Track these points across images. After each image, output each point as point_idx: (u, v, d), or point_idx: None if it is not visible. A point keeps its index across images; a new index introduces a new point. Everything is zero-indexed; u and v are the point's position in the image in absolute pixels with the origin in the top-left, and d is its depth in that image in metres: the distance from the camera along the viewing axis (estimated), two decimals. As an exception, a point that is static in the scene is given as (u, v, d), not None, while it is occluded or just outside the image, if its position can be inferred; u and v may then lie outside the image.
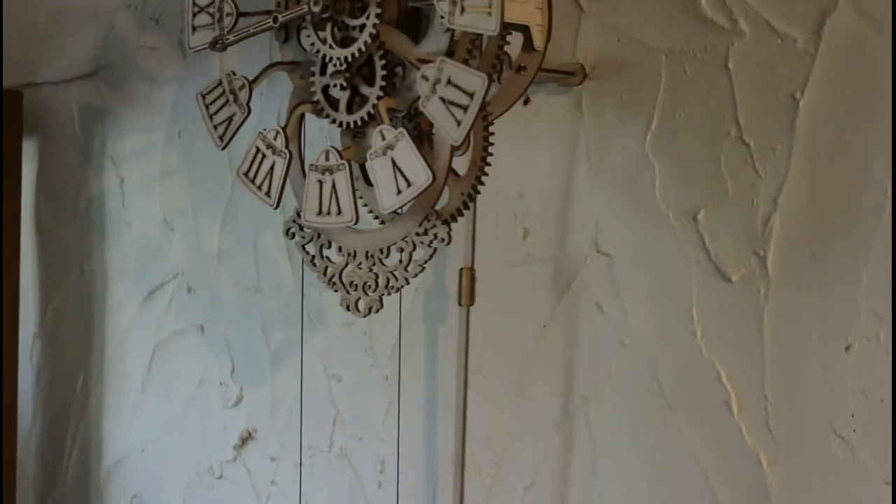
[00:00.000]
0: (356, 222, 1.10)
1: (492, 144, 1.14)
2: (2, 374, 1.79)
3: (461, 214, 1.15)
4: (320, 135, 1.40)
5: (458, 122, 1.02)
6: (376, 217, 1.19)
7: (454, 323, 1.34)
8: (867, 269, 1.07)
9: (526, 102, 1.27)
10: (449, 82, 1.03)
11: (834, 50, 1.09)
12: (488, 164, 1.14)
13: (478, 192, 1.15)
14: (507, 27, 1.09)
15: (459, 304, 1.25)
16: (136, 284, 1.73)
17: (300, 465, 1.48)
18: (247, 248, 1.60)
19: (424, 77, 1.04)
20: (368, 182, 1.19)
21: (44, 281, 1.86)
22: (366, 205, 1.20)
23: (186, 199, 1.67)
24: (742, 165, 1.14)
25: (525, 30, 1.13)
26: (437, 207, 1.12)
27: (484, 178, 1.14)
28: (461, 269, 1.24)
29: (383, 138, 1.07)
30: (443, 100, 1.03)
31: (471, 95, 1.02)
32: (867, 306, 1.07)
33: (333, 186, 1.11)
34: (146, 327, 1.72)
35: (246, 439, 1.61)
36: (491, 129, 1.14)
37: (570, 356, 1.27)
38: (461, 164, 1.13)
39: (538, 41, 1.13)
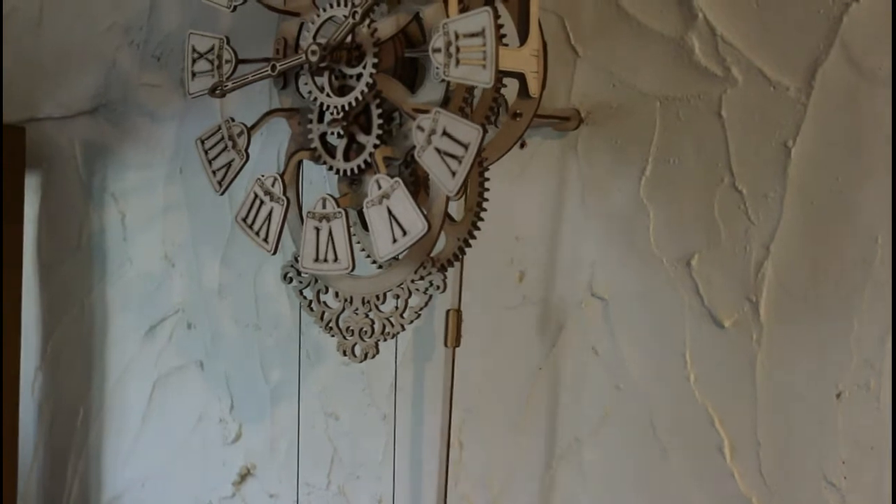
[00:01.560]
0: (352, 270, 1.12)
1: (487, 190, 1.15)
2: (3, 407, 1.80)
3: (458, 259, 1.16)
4: (319, 174, 1.41)
5: (454, 173, 1.03)
6: (374, 262, 1.20)
7: (447, 365, 1.35)
8: (858, 317, 1.08)
9: (522, 146, 1.28)
10: (444, 133, 1.04)
11: (825, 99, 1.10)
12: (484, 210, 1.15)
13: (473, 238, 1.16)
14: (502, 75, 1.10)
15: (445, 344, 1.25)
16: (137, 319, 1.74)
17: (297, 502, 1.49)
18: (247, 285, 1.61)
19: (420, 128, 1.05)
20: (366, 227, 1.20)
21: (45, 315, 1.87)
22: (363, 250, 1.21)
23: (187, 235, 1.68)
24: (735, 212, 1.16)
25: (521, 77, 1.14)
26: (435, 252, 1.13)
27: (479, 223, 1.15)
28: (448, 311, 1.25)
29: (379, 187, 1.08)
30: (438, 150, 1.04)
31: (465, 147, 1.03)
32: (859, 354, 1.08)
33: (330, 234, 1.12)
34: (146, 362, 1.73)
35: (245, 476, 1.62)
36: (486, 174, 1.15)
37: (565, 398, 1.28)
38: (457, 208, 1.14)
39: (533, 88, 1.15)
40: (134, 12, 1.73)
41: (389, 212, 1.07)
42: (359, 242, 1.21)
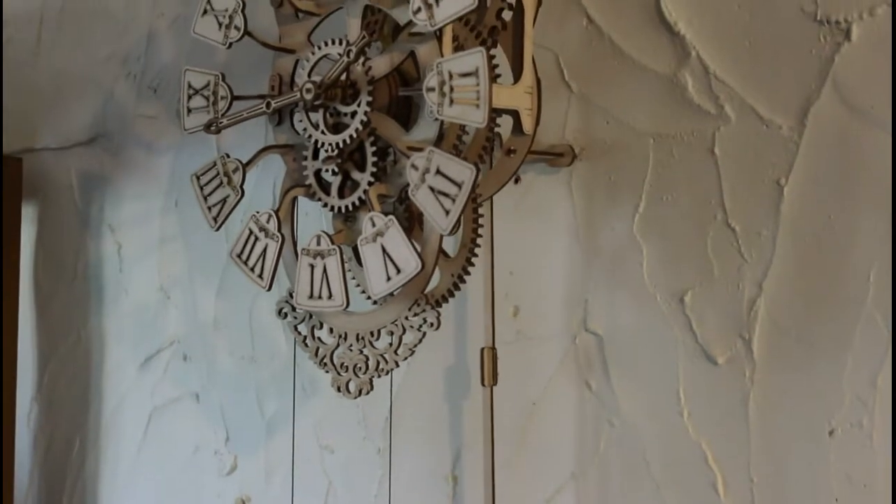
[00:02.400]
0: (347, 307, 1.12)
1: (481, 226, 1.15)
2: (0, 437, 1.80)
3: (452, 295, 1.17)
4: (315, 206, 1.41)
5: (447, 212, 1.04)
6: (368, 297, 1.21)
7: (445, 400, 1.35)
8: (852, 355, 1.09)
9: (516, 181, 1.29)
10: (438, 172, 1.04)
11: (818, 137, 1.11)
12: (478, 245, 1.16)
13: (468, 273, 1.16)
14: (496, 112, 1.11)
15: (482, 384, 1.25)
16: (133, 351, 1.75)
17: (293, 535, 1.49)
18: (242, 318, 1.61)
19: (414, 166, 1.06)
20: (361, 262, 1.21)
21: (42, 345, 1.88)
22: (358, 285, 1.21)
23: (183, 267, 1.68)
24: (728, 249, 1.16)
25: (515, 114, 1.15)
26: (429, 288, 1.13)
27: (474, 259, 1.15)
28: (482, 349, 1.25)
29: (373, 225, 1.09)
30: (432, 189, 1.05)
31: (459, 186, 1.03)
32: (851, 392, 1.08)
33: (325, 271, 1.12)
34: (142, 393, 1.73)
35: (240, 508, 1.62)
36: (481, 209, 1.16)
37: (559, 434, 1.28)
38: (452, 242, 1.15)
39: (527, 125, 1.15)
40: (131, 44, 1.74)
41: (383, 249, 1.08)
42: (353, 278, 1.21)
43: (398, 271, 1.07)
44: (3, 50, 1.92)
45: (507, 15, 1.16)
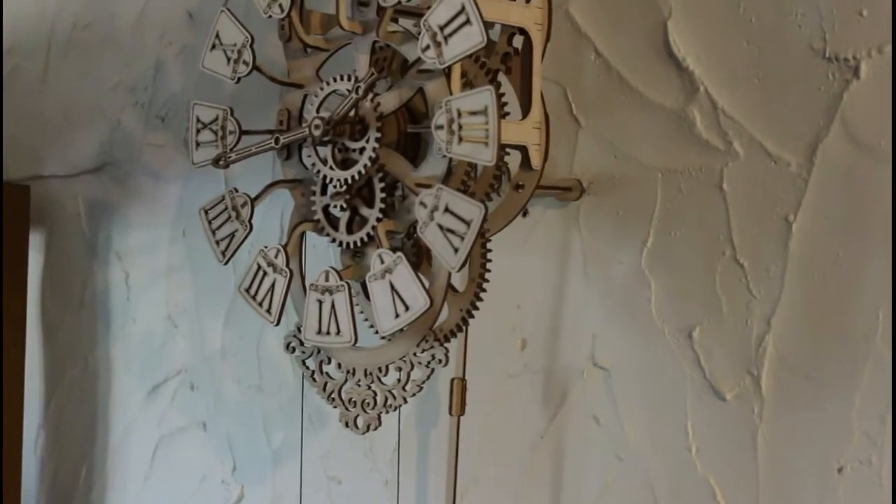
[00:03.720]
0: (355, 343, 1.12)
1: (490, 261, 1.15)
2: (6, 464, 1.80)
3: (460, 330, 1.17)
4: (323, 237, 1.42)
5: (456, 250, 1.04)
6: (376, 331, 1.21)
7: (451, 430, 1.35)
8: (860, 393, 1.09)
9: (524, 214, 1.28)
10: (447, 210, 1.05)
11: (826, 174, 1.11)
12: (486, 280, 1.16)
13: (476, 308, 1.17)
14: (504, 148, 1.11)
15: (450, 413, 1.25)
16: (140, 379, 1.75)
17: (299, 567, 1.49)
18: (249, 347, 1.61)
19: (423, 204, 1.06)
20: (369, 296, 1.21)
21: (48, 372, 1.88)
22: (366, 319, 1.21)
23: (190, 296, 1.68)
24: (736, 285, 1.16)
25: (523, 149, 1.15)
26: (438, 322, 1.13)
27: (482, 294, 1.15)
28: (452, 379, 1.25)
29: (382, 262, 1.09)
30: (440, 227, 1.05)
31: (468, 224, 1.03)
32: (860, 429, 1.08)
33: (333, 307, 1.13)
34: (149, 422, 1.73)
35: (246, 537, 1.62)
36: (489, 244, 1.16)
37: (566, 467, 1.28)
38: (460, 277, 1.15)
39: (535, 160, 1.15)
40: (139, 73, 1.75)
41: (392, 286, 1.08)
42: (362, 312, 1.21)
43: (407, 308, 1.07)
44: (11, 77, 1.92)
45: (517, 43, 1.16)
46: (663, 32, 1.20)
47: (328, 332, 1.13)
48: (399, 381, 1.14)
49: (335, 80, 1.14)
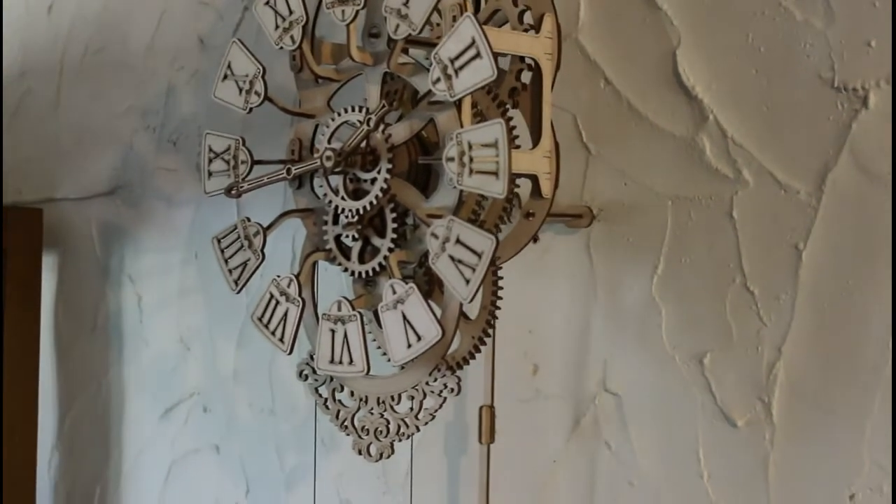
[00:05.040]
0: (367, 372, 1.13)
1: (501, 288, 1.16)
2: (20, 485, 1.81)
3: (472, 358, 1.17)
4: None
5: (467, 281, 1.05)
6: (389, 359, 1.21)
7: (466, 456, 1.35)
8: (871, 421, 1.09)
9: (535, 240, 1.29)
10: (458, 241, 1.05)
11: (836, 203, 1.11)
12: (498, 308, 1.16)
13: (489, 336, 1.17)
14: (515, 177, 1.12)
15: (480, 441, 1.26)
16: (153, 402, 1.75)
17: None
18: (262, 370, 1.62)
19: (434, 235, 1.07)
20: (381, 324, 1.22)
21: (62, 394, 1.89)
22: (379, 347, 1.22)
23: (203, 319, 1.69)
24: (747, 312, 1.16)
25: (533, 178, 1.15)
26: (450, 350, 1.14)
27: (494, 321, 1.16)
28: (481, 407, 1.26)
29: (394, 292, 1.09)
30: (452, 258, 1.06)
31: (479, 255, 1.04)
32: (870, 458, 1.09)
33: (345, 336, 1.13)
34: (162, 444, 1.74)
35: (260, 561, 1.63)
36: (500, 272, 1.16)
37: (579, 493, 1.28)
38: (471, 303, 1.15)
39: (546, 189, 1.16)
40: (150, 97, 1.76)
41: (404, 317, 1.09)
42: (374, 340, 1.22)
43: (419, 339, 1.08)
44: (25, 101, 1.93)
45: (526, 78, 1.17)
46: (672, 61, 1.21)
47: (341, 362, 1.14)
48: (412, 409, 1.15)
49: (346, 110, 1.15)
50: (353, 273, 1.16)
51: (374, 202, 1.13)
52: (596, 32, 1.27)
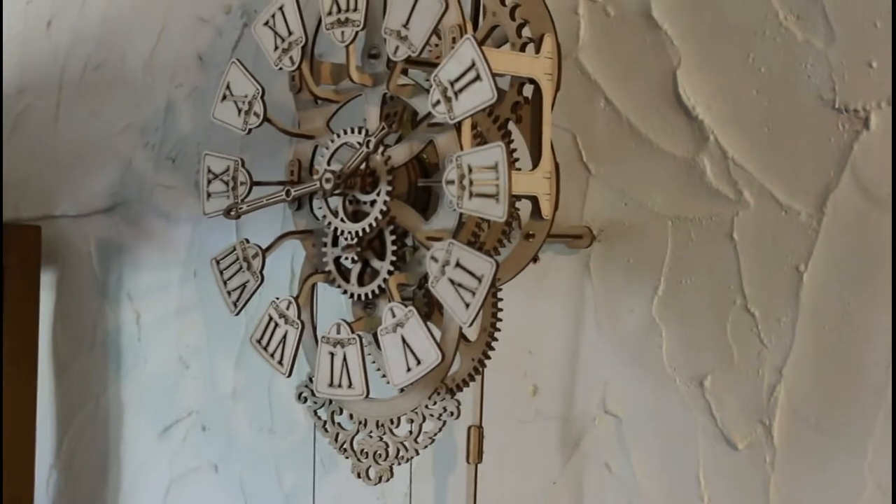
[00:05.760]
0: (367, 396, 1.12)
1: (501, 310, 1.16)
2: (19, 503, 1.81)
3: (472, 380, 1.17)
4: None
5: (467, 305, 1.04)
6: (388, 381, 1.21)
7: (461, 474, 1.35)
8: (872, 444, 1.08)
9: (535, 260, 1.28)
10: (458, 265, 1.05)
11: (837, 225, 1.11)
12: (498, 330, 1.16)
13: (488, 358, 1.17)
14: (515, 198, 1.11)
15: (468, 461, 1.25)
16: (152, 420, 1.75)
17: None
18: (261, 389, 1.61)
19: (434, 258, 1.06)
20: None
21: (60, 411, 1.88)
22: (378, 369, 1.21)
23: (201, 337, 1.69)
24: (748, 334, 1.16)
25: (533, 199, 1.15)
26: (450, 371, 1.13)
27: (494, 343, 1.16)
28: (469, 427, 1.25)
29: (393, 315, 1.09)
30: (451, 282, 1.05)
31: (479, 279, 1.03)
32: (873, 480, 1.08)
33: (344, 360, 1.13)
34: (161, 463, 1.74)
35: (258, 580, 1.62)
36: (500, 294, 1.16)
37: (579, 515, 1.28)
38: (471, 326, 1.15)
39: (546, 210, 1.15)
40: (149, 113, 1.75)
41: (404, 341, 1.08)
42: (374, 362, 1.22)
43: (419, 362, 1.07)
44: (24, 117, 1.93)
45: (528, 91, 1.17)
46: (673, 81, 1.20)
47: (340, 385, 1.13)
48: (411, 432, 1.14)
49: (346, 132, 1.14)
50: (352, 295, 1.16)
51: (374, 224, 1.12)
52: (596, 52, 1.26)
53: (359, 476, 1.17)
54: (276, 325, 1.18)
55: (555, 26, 1.15)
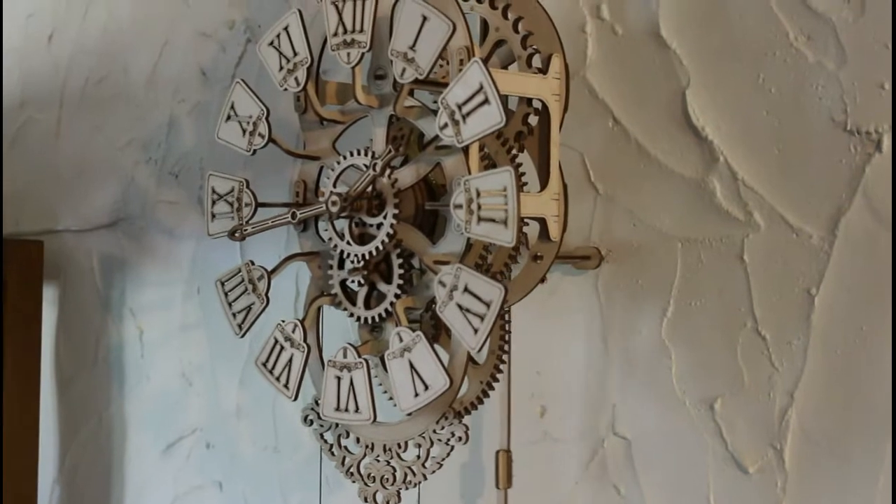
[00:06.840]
0: (374, 421, 1.11)
1: (509, 332, 1.15)
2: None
3: (481, 402, 1.16)
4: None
5: (476, 330, 1.03)
6: (395, 404, 1.20)
7: (482, 499, 1.34)
8: (884, 468, 1.07)
9: (543, 280, 1.27)
10: (466, 290, 1.04)
11: (849, 248, 1.10)
12: (506, 352, 1.15)
13: (497, 381, 1.16)
14: (523, 220, 1.10)
15: (497, 486, 1.24)
16: (155, 437, 1.74)
17: None
18: (265, 407, 1.60)
19: (441, 283, 1.05)
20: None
21: (63, 428, 1.87)
22: (385, 391, 1.20)
23: (205, 354, 1.67)
24: (758, 357, 1.15)
25: (541, 221, 1.14)
26: (458, 395, 1.12)
27: (502, 366, 1.15)
28: (497, 451, 1.24)
29: (401, 340, 1.08)
30: (460, 307, 1.04)
31: (488, 305, 1.02)
32: (885, 506, 1.07)
33: (351, 384, 1.11)
34: (164, 480, 1.73)
35: None
36: (508, 317, 1.15)
37: (588, 538, 1.27)
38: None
39: (554, 232, 1.14)
40: (152, 128, 1.74)
41: (411, 365, 1.07)
42: (381, 384, 1.21)
43: (426, 388, 1.06)
44: (25, 131, 1.92)
45: (533, 120, 1.16)
46: (682, 101, 1.19)
47: (347, 409, 1.12)
48: (419, 457, 1.13)
49: (352, 154, 1.13)
50: (358, 318, 1.15)
51: (380, 247, 1.11)
52: (604, 71, 1.25)
53: (366, 500, 1.16)
54: (282, 348, 1.16)
55: (563, 46, 1.13)
